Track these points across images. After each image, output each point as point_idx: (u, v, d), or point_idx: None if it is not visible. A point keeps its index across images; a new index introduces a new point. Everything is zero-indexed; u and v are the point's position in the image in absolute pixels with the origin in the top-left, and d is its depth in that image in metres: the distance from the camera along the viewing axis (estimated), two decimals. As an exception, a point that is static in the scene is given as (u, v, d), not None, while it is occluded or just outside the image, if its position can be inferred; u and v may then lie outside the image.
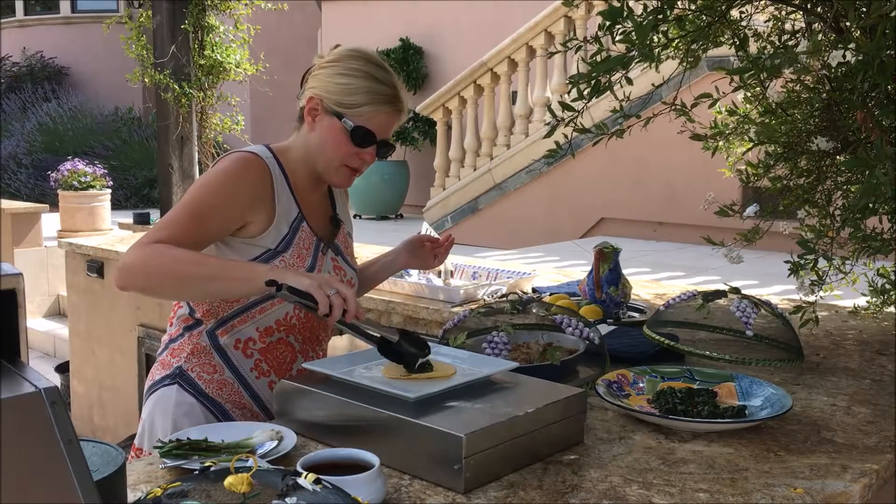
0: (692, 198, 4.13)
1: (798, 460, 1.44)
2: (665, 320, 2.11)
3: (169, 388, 1.79)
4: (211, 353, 1.79)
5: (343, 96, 1.73)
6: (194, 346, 1.80)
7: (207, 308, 1.79)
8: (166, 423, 1.76)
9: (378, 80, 1.74)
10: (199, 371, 1.79)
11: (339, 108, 1.74)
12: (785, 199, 2.33)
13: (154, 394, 1.82)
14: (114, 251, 4.34)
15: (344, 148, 1.75)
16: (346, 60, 1.75)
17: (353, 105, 1.73)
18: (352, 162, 1.78)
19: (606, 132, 2.14)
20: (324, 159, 1.78)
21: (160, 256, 1.60)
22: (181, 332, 1.83)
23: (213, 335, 1.79)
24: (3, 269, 0.83)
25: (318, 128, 1.77)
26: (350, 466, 1.23)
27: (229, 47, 6.98)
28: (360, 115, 1.73)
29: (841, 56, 1.66)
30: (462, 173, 8.33)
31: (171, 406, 1.77)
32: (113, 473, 1.07)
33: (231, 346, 1.79)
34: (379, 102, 1.74)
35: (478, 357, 1.67)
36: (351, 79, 1.73)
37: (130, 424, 4.49)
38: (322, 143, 1.77)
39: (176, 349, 1.82)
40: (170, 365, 1.82)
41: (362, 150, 1.76)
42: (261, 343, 1.80)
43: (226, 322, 1.79)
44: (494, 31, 8.75)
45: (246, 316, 1.78)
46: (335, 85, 1.74)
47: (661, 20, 1.88)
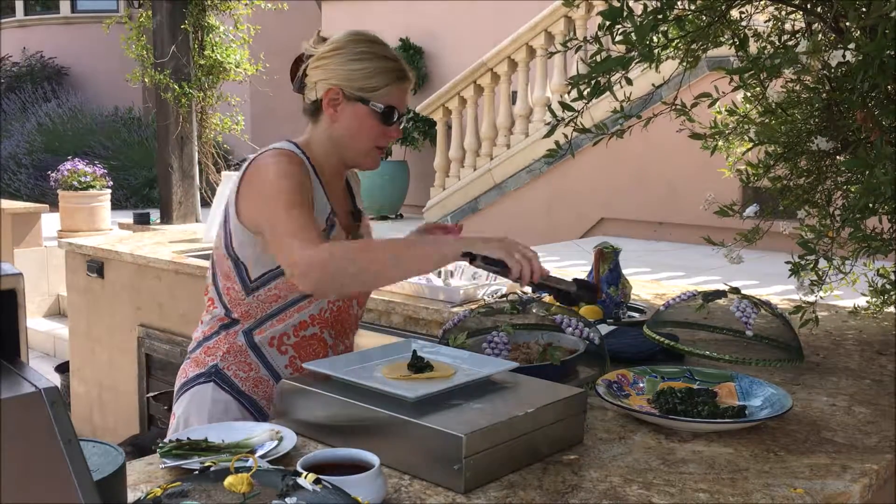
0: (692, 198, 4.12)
1: (798, 460, 1.44)
2: (665, 320, 2.11)
3: (205, 385, 1.81)
4: (246, 352, 1.82)
5: (363, 81, 1.76)
6: (230, 346, 1.82)
7: (245, 309, 1.81)
8: (202, 420, 1.78)
9: (388, 58, 1.79)
10: (236, 369, 1.81)
11: (362, 94, 1.76)
12: (785, 199, 2.33)
13: (189, 391, 1.84)
14: (114, 251, 4.34)
15: (374, 130, 1.79)
16: (351, 45, 1.78)
17: (376, 88, 1.76)
18: (381, 142, 1.82)
19: (606, 132, 2.14)
20: (354, 146, 1.81)
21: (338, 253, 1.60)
22: (216, 331, 1.84)
23: (248, 334, 1.82)
24: (3, 269, 0.83)
25: (341, 117, 1.79)
26: (350, 466, 1.23)
27: (229, 47, 6.98)
28: (383, 96, 1.77)
29: (841, 56, 1.66)
30: (462, 173, 8.33)
31: (207, 403, 1.80)
32: (113, 473, 1.07)
33: (266, 343, 1.81)
34: (396, 80, 1.79)
35: (478, 357, 1.67)
36: (365, 62, 1.76)
37: (130, 424, 4.49)
38: (350, 130, 1.79)
39: (211, 347, 1.84)
40: (204, 363, 1.83)
41: (389, 127, 1.80)
42: (294, 338, 1.82)
43: (263, 322, 1.81)
44: (494, 31, 8.74)
45: (284, 315, 1.81)
46: (351, 72, 1.76)
47: (660, 20, 1.88)
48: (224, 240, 1.80)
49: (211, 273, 1.86)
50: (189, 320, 4.05)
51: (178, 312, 4.12)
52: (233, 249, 1.78)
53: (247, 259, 1.77)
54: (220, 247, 1.82)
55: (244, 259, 1.77)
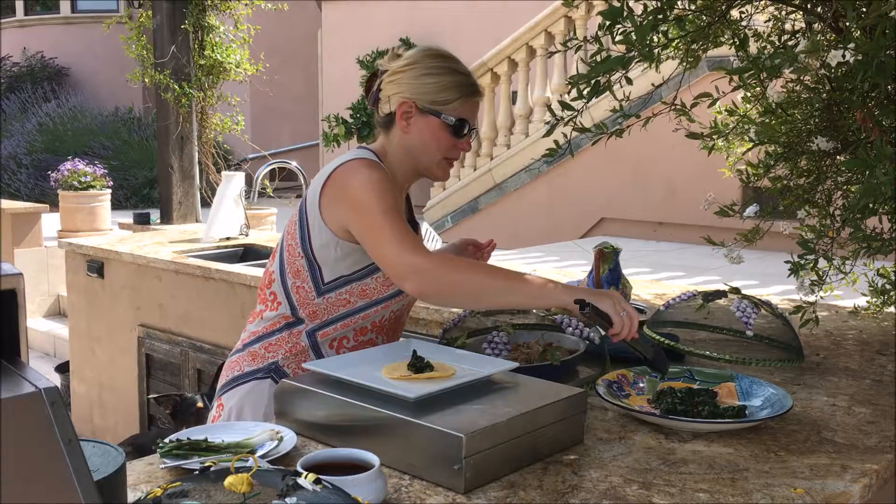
0: (692, 198, 4.12)
1: (798, 460, 1.44)
2: (665, 320, 2.11)
3: (262, 381, 1.85)
4: (308, 353, 1.85)
5: (436, 95, 1.81)
6: (293, 345, 1.85)
7: (313, 309, 1.84)
8: (257, 415, 1.82)
9: (460, 73, 1.84)
10: (295, 368, 1.84)
11: (434, 107, 1.81)
12: (785, 199, 2.32)
13: (244, 385, 1.86)
14: (114, 251, 4.34)
15: (445, 142, 1.83)
16: (425, 60, 1.83)
17: (447, 101, 1.81)
18: (452, 154, 1.86)
19: (606, 132, 2.14)
20: (427, 157, 1.85)
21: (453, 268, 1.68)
22: (279, 328, 1.87)
23: (312, 335, 1.85)
24: (3, 269, 0.83)
25: (413, 129, 1.83)
26: (350, 466, 1.23)
27: (229, 47, 6.97)
28: (455, 109, 1.82)
29: (841, 56, 1.66)
30: (462, 173, 8.33)
31: (264, 399, 1.83)
32: (113, 473, 1.07)
33: (326, 345, 1.85)
34: (467, 94, 1.83)
35: (478, 357, 1.67)
36: (439, 77, 1.81)
37: (130, 424, 4.49)
38: (423, 142, 1.83)
39: (272, 344, 1.87)
40: (264, 359, 1.86)
41: (460, 140, 1.85)
42: (353, 342, 1.87)
43: (329, 324, 1.85)
44: (494, 31, 8.74)
45: (349, 320, 1.85)
46: (424, 85, 1.81)
47: (660, 20, 1.88)
48: (301, 239, 1.83)
49: (278, 270, 1.88)
50: (189, 320, 4.05)
51: (178, 312, 4.12)
52: (311, 250, 1.81)
53: (324, 261, 1.81)
54: (294, 245, 1.84)
55: (321, 260, 1.81)
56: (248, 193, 4.62)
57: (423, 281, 1.66)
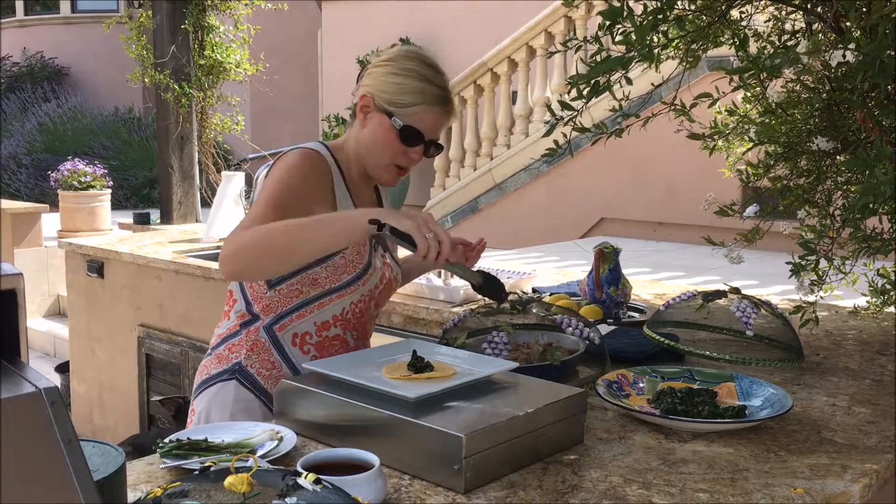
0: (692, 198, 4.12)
1: (798, 460, 1.44)
2: (665, 320, 2.11)
3: (227, 383, 1.83)
4: (269, 350, 1.83)
5: (394, 95, 1.77)
6: (253, 343, 1.83)
7: (266, 303, 1.82)
8: (224, 417, 1.79)
9: (430, 82, 1.78)
10: (258, 367, 1.82)
11: (389, 107, 1.77)
12: (785, 199, 2.32)
13: (211, 388, 1.85)
14: (114, 251, 4.34)
15: (393, 146, 1.79)
16: (401, 60, 1.80)
17: (404, 104, 1.77)
18: (400, 161, 1.82)
19: (606, 132, 2.14)
20: (373, 157, 1.82)
21: (260, 235, 1.59)
22: (238, 329, 1.85)
23: (270, 330, 1.83)
24: (3, 269, 0.83)
25: (369, 125, 1.81)
26: (350, 466, 1.23)
27: (229, 47, 6.97)
28: (409, 115, 1.77)
29: (841, 56, 1.66)
30: (462, 173, 8.33)
31: (229, 400, 1.81)
32: (113, 473, 1.07)
33: (288, 342, 1.83)
34: (429, 103, 1.78)
35: (478, 357, 1.67)
36: (403, 78, 1.77)
37: (130, 424, 4.49)
38: (372, 140, 1.81)
39: (235, 345, 1.85)
40: (228, 360, 1.85)
41: (410, 149, 1.80)
42: (317, 337, 1.83)
43: (284, 317, 1.82)
44: (494, 31, 8.74)
45: (304, 311, 1.82)
46: (388, 84, 1.78)
47: (660, 20, 1.88)
48: None
49: None
50: (189, 320, 4.05)
51: (178, 312, 4.12)
52: None
53: None
54: None
55: None
56: (248, 193, 4.62)
57: (226, 264, 1.59)
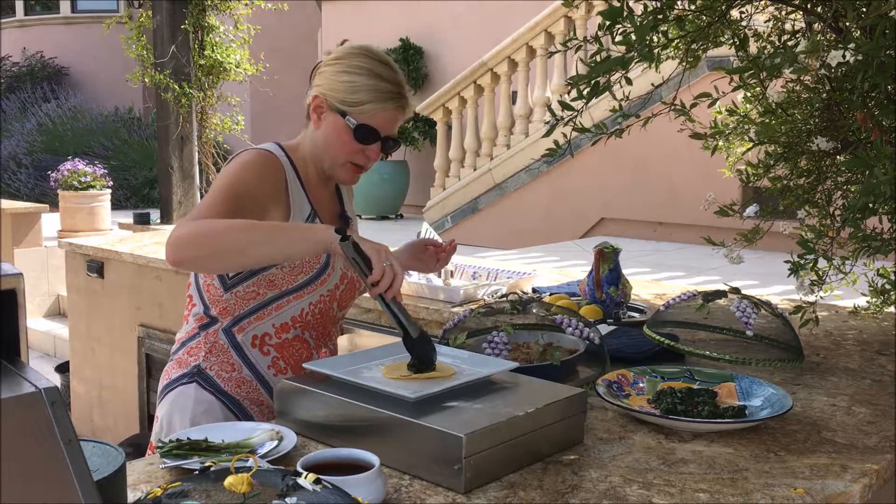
0: (692, 198, 4.13)
1: (798, 460, 1.44)
2: (665, 320, 2.11)
3: (187, 386, 1.81)
4: (228, 352, 1.81)
5: (346, 94, 1.75)
6: (212, 345, 1.82)
7: (224, 306, 1.81)
8: (185, 421, 1.77)
9: (381, 78, 1.76)
10: (218, 369, 1.81)
11: (342, 106, 1.76)
12: (785, 199, 2.32)
13: (172, 392, 1.83)
14: (114, 251, 4.34)
15: (348, 145, 1.78)
16: (350, 58, 1.77)
17: (357, 103, 1.75)
18: (357, 159, 1.80)
19: (606, 132, 2.14)
20: (329, 157, 1.81)
21: (211, 227, 1.57)
22: (197, 331, 1.84)
23: (229, 333, 1.81)
24: (3, 269, 0.83)
25: (323, 125, 1.79)
26: (350, 466, 1.23)
27: (229, 47, 6.98)
28: (363, 113, 1.75)
29: (841, 56, 1.66)
30: (462, 173, 8.33)
31: (189, 403, 1.79)
32: (113, 473, 1.07)
33: (248, 343, 1.81)
34: (382, 100, 1.76)
35: (478, 357, 1.67)
36: (354, 76, 1.75)
37: (130, 424, 4.48)
38: (327, 140, 1.79)
39: (193, 348, 1.84)
40: (187, 363, 1.83)
41: (367, 147, 1.78)
42: (276, 339, 1.82)
43: (242, 319, 1.81)
44: (494, 31, 8.74)
45: (262, 313, 1.80)
46: (339, 83, 1.76)
47: (660, 20, 1.88)
48: None
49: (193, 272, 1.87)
50: (189, 320, 4.05)
51: (178, 312, 4.11)
52: None
53: None
54: None
55: None
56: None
57: (174, 248, 1.56)
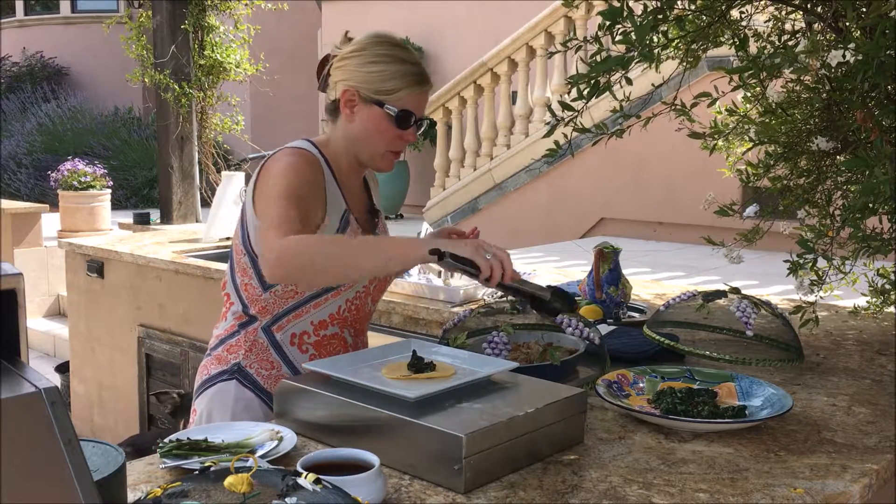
0: (692, 198, 4.13)
1: (798, 460, 1.44)
2: (665, 320, 2.11)
3: (227, 383, 1.83)
4: (268, 350, 1.84)
5: (379, 84, 1.77)
6: (251, 343, 1.84)
7: (262, 305, 1.82)
8: (225, 417, 1.80)
9: (407, 62, 1.79)
10: (258, 367, 1.83)
11: (378, 96, 1.77)
12: (785, 199, 2.32)
13: (211, 388, 1.85)
14: (114, 251, 4.34)
15: (388, 133, 1.79)
16: (373, 47, 1.79)
17: (392, 91, 1.77)
18: (396, 146, 1.83)
19: (606, 132, 2.14)
20: (369, 147, 1.82)
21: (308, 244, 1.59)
22: (236, 329, 1.86)
23: (268, 331, 1.84)
24: (3, 269, 0.83)
25: (357, 118, 1.80)
26: (350, 466, 1.23)
27: (229, 47, 6.97)
28: (398, 100, 1.77)
29: (841, 56, 1.66)
30: (462, 173, 8.33)
31: (230, 400, 1.82)
32: (113, 473, 1.07)
33: (287, 342, 1.84)
34: (413, 84, 1.79)
35: (478, 357, 1.67)
36: (383, 65, 1.77)
37: (130, 424, 4.49)
38: (365, 132, 1.80)
39: (233, 345, 1.86)
40: (227, 361, 1.85)
41: (405, 131, 1.81)
42: (315, 336, 1.84)
43: (280, 318, 1.83)
44: (494, 31, 8.74)
45: (301, 311, 1.82)
46: (368, 74, 1.77)
47: (660, 20, 1.88)
48: (241, 236, 1.82)
49: (229, 271, 1.88)
50: (189, 320, 4.05)
51: (178, 312, 4.12)
52: (250, 245, 1.80)
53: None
54: (237, 243, 1.84)
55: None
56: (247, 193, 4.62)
57: (276, 264, 1.58)
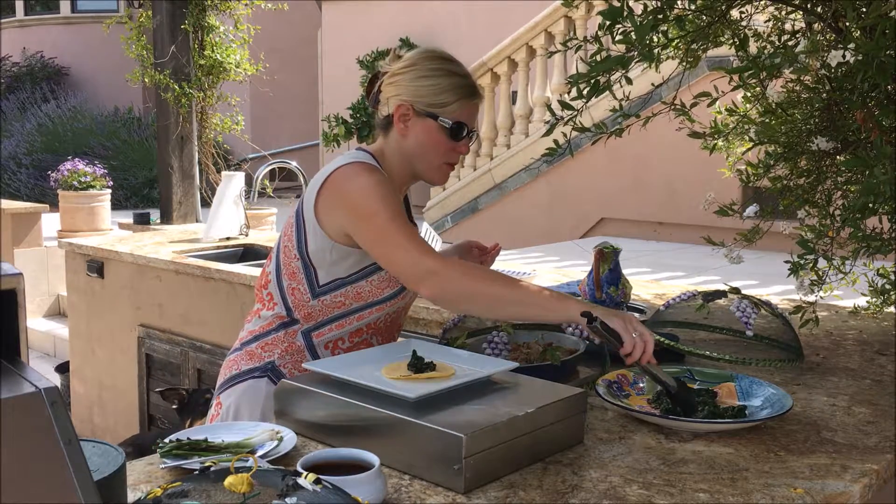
0: (692, 198, 4.13)
1: (798, 460, 1.44)
2: (665, 320, 2.11)
3: (259, 380, 1.85)
4: (304, 353, 1.85)
5: (432, 97, 1.79)
6: (289, 345, 1.86)
7: (308, 311, 1.84)
8: (254, 415, 1.82)
9: (459, 75, 1.82)
10: (291, 368, 1.84)
11: (431, 110, 1.80)
12: (785, 199, 2.33)
13: (241, 384, 1.87)
14: (114, 251, 4.34)
15: (443, 145, 1.82)
16: (424, 62, 1.81)
17: (445, 104, 1.80)
18: (451, 158, 1.85)
19: (606, 132, 2.14)
20: (425, 161, 1.85)
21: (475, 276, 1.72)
22: (275, 328, 1.87)
23: (307, 335, 1.85)
24: (3, 269, 0.83)
25: (411, 133, 1.82)
26: (350, 466, 1.23)
27: (229, 47, 6.97)
28: (452, 112, 1.80)
29: (841, 56, 1.66)
30: (462, 173, 8.33)
31: (260, 398, 1.83)
32: (113, 473, 1.07)
33: (322, 346, 1.86)
34: (465, 96, 1.82)
35: (478, 357, 1.67)
36: (435, 79, 1.79)
37: (130, 424, 4.48)
38: (421, 146, 1.82)
39: (269, 343, 1.87)
40: (261, 358, 1.87)
41: (458, 143, 1.83)
42: (349, 343, 1.87)
43: (323, 325, 1.85)
44: (494, 31, 8.74)
45: (344, 321, 1.85)
46: (421, 88, 1.80)
47: (660, 20, 1.88)
48: (297, 241, 1.83)
49: (274, 271, 1.88)
50: (189, 320, 4.05)
51: (178, 312, 4.12)
52: (307, 253, 1.81)
53: (319, 264, 1.81)
54: (290, 247, 1.84)
55: (317, 263, 1.81)
56: (247, 193, 4.62)
57: (440, 285, 1.68)
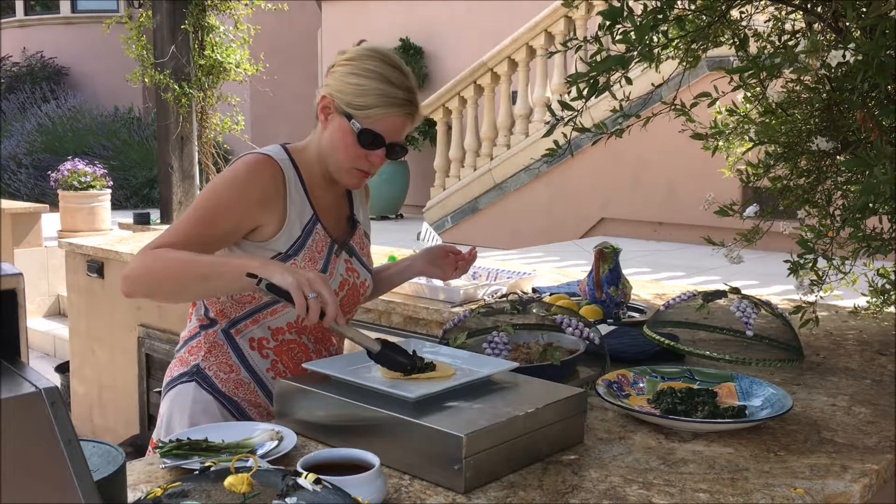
0: (692, 198, 4.13)
1: (798, 460, 1.44)
2: (665, 320, 2.11)
3: (187, 385, 1.81)
4: (228, 353, 1.81)
5: (354, 97, 1.71)
6: (211, 345, 1.82)
7: (220, 308, 1.81)
8: (184, 420, 1.78)
9: (391, 83, 1.71)
10: (216, 370, 1.81)
11: (348, 109, 1.72)
12: (785, 199, 2.32)
13: (172, 390, 1.84)
14: (114, 251, 4.34)
15: (352, 149, 1.73)
16: (362, 60, 1.72)
17: (363, 107, 1.70)
18: (360, 164, 1.76)
19: (606, 132, 2.14)
20: (334, 160, 1.78)
21: (157, 261, 1.62)
22: (198, 331, 1.85)
23: (227, 334, 1.81)
24: (3, 269, 0.83)
25: (329, 127, 1.76)
26: (350, 466, 1.23)
27: (229, 47, 6.98)
28: (368, 118, 1.71)
29: (841, 56, 1.66)
30: (462, 173, 8.33)
31: (188, 402, 1.79)
32: (113, 473, 1.07)
33: (246, 346, 1.81)
34: (389, 105, 1.71)
35: (478, 357, 1.67)
36: (363, 79, 1.70)
37: (130, 424, 4.49)
38: (332, 143, 1.76)
39: (194, 347, 1.84)
40: (187, 362, 1.84)
41: (371, 152, 1.74)
42: (274, 342, 1.81)
43: (238, 322, 1.81)
44: (494, 31, 8.74)
45: (258, 317, 1.80)
46: (347, 85, 1.72)
47: (660, 20, 1.88)
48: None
49: None
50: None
51: (178, 312, 4.12)
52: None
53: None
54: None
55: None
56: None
57: (126, 282, 1.62)
